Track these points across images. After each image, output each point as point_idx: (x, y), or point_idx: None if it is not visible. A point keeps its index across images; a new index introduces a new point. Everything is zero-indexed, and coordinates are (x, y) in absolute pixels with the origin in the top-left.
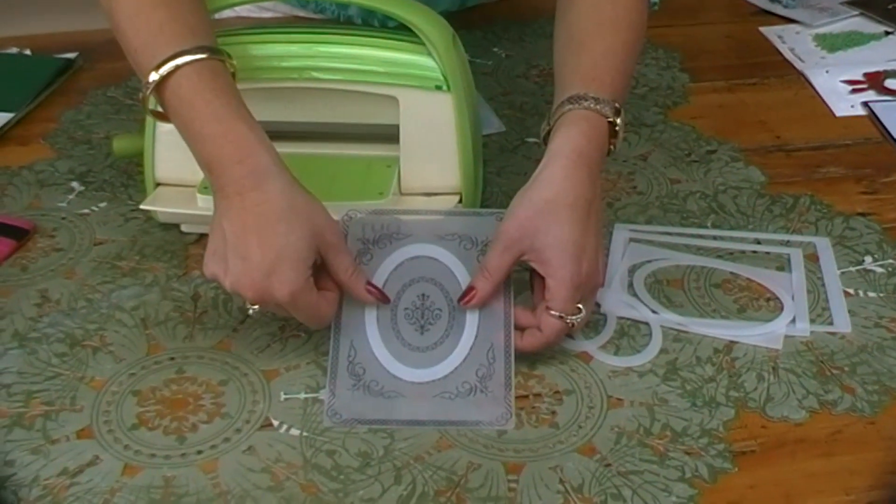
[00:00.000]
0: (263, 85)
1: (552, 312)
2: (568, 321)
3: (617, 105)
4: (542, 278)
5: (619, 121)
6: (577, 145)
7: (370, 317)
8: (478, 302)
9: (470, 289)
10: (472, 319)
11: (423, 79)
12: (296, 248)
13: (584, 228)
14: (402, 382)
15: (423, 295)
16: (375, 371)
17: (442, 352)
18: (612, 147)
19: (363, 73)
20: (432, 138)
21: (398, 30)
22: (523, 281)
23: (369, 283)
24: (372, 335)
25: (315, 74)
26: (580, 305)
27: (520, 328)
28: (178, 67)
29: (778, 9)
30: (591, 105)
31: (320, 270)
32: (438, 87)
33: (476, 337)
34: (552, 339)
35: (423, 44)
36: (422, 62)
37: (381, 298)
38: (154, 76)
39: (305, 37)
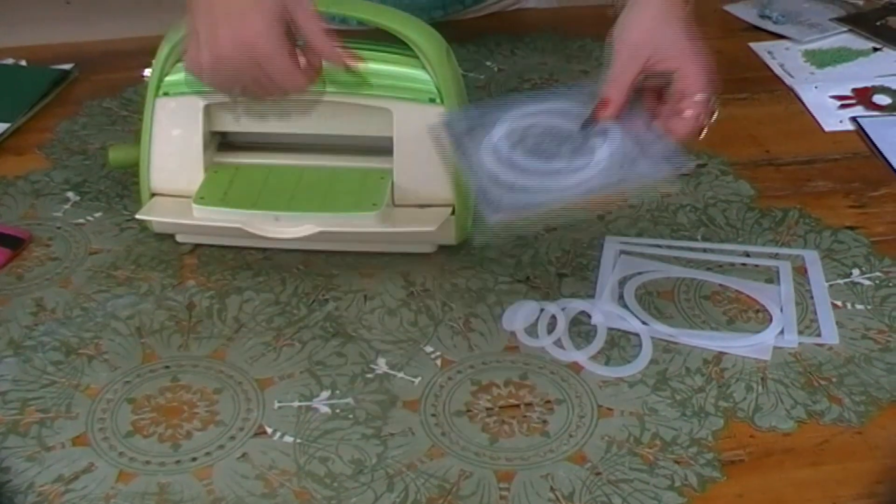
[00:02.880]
0: None
1: (696, 98)
2: (711, 100)
3: None
4: (656, 94)
5: None
6: None
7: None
8: (613, 111)
9: (603, 101)
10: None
11: (416, 91)
12: (264, 6)
13: (691, 26)
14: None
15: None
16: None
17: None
18: None
19: (357, 86)
20: (426, 150)
21: (392, 43)
22: (516, 292)
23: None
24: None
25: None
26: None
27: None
28: None
29: (768, 25)
30: None
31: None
32: (432, 100)
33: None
34: (692, 128)
35: (417, 57)
36: (415, 75)
37: (353, 58)
38: None
39: None
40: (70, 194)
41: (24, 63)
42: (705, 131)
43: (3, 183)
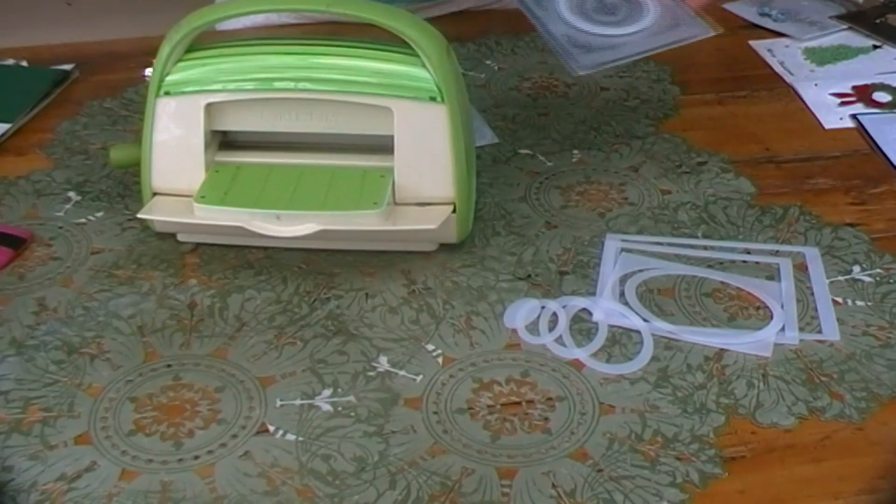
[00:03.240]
0: (259, 95)
1: None
2: None
3: None
4: None
5: None
6: None
7: None
8: None
9: None
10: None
11: (417, 90)
12: None
13: None
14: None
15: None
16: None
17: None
18: None
19: (358, 84)
20: (426, 149)
21: (392, 41)
22: (517, 290)
23: None
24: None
25: (310, 85)
26: None
27: None
28: None
29: (768, 23)
30: None
31: None
32: (433, 98)
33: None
34: None
35: (418, 55)
36: (416, 73)
37: None
38: None
39: (300, 48)
40: (71, 194)
41: (24, 63)
42: None
43: (4, 183)
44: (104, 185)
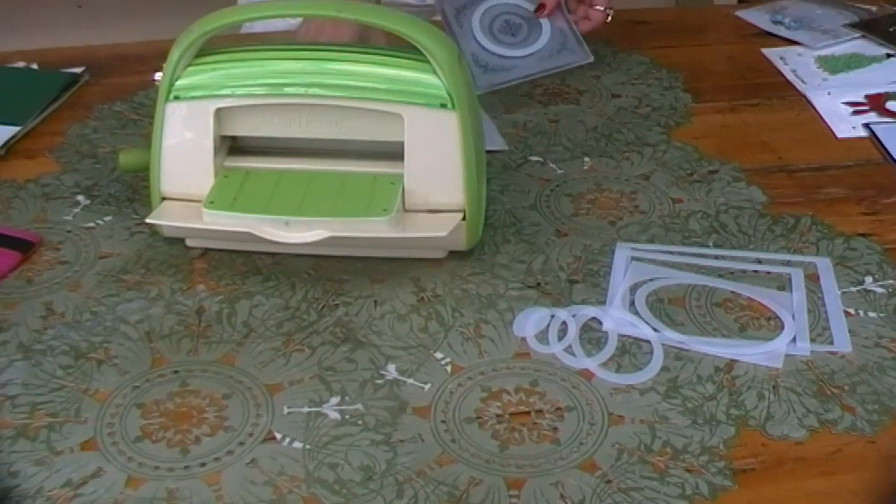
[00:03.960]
0: (269, 101)
1: (597, 7)
2: (607, 12)
3: None
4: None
5: None
6: None
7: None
8: (550, 11)
9: (538, 6)
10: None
11: (428, 97)
12: None
13: None
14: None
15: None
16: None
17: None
18: None
19: (368, 91)
20: (437, 156)
21: (403, 48)
22: (527, 298)
23: None
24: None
25: (320, 91)
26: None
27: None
28: None
29: (780, 31)
30: None
31: None
32: (443, 105)
33: (551, 30)
34: (597, 26)
35: (429, 62)
36: (427, 80)
37: None
38: None
39: (312, 54)
40: (80, 198)
41: (35, 66)
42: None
43: (13, 186)
44: (113, 189)
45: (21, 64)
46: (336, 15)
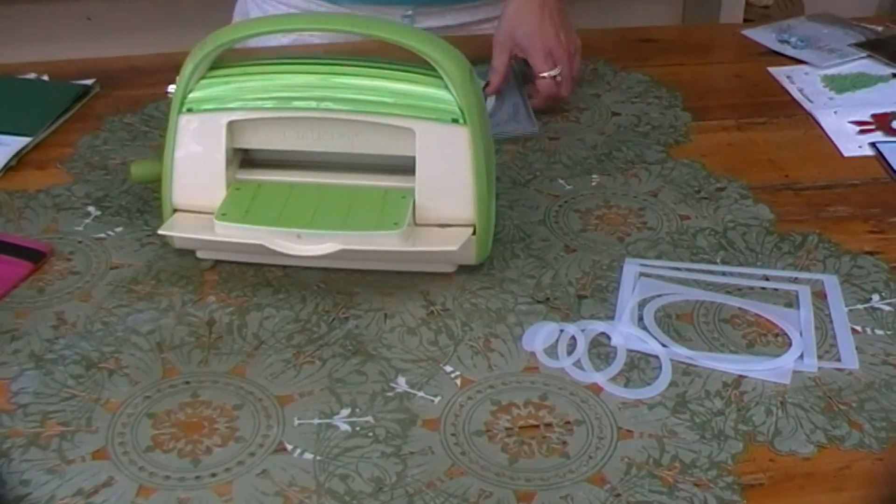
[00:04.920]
0: (281, 114)
1: (541, 75)
2: (550, 75)
3: None
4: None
5: None
6: None
7: None
8: (493, 90)
9: (486, 83)
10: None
11: (439, 111)
12: None
13: (547, 17)
14: None
15: None
16: None
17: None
18: None
19: (380, 105)
20: (448, 171)
21: (415, 62)
22: (536, 313)
23: None
24: None
25: (332, 105)
26: (556, 65)
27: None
28: None
29: (787, 49)
30: None
31: None
32: (455, 121)
33: (503, 102)
34: (548, 94)
35: (440, 76)
36: (439, 95)
37: None
38: None
39: (324, 68)
40: (91, 209)
41: (45, 78)
42: (571, 88)
43: (24, 197)
44: (123, 200)
45: (32, 75)
46: (349, 30)
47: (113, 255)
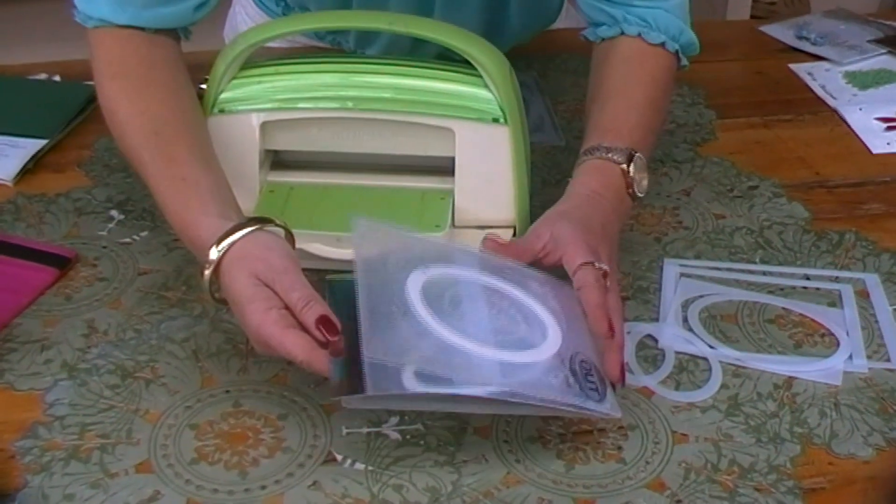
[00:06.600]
0: (316, 114)
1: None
2: (596, 266)
3: (632, 152)
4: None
5: (631, 168)
6: (589, 188)
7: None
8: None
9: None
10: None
11: (480, 111)
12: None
13: (592, 229)
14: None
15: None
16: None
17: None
18: (630, 190)
19: (420, 105)
20: (488, 171)
21: (454, 61)
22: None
23: (321, 320)
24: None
25: (369, 105)
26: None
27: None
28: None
29: (806, 46)
30: (603, 154)
31: None
32: (496, 120)
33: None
34: (595, 292)
35: (480, 76)
36: (479, 94)
37: (331, 344)
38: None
39: (360, 66)
40: (114, 213)
41: (57, 78)
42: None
43: (44, 200)
44: (146, 203)
45: (43, 76)
46: (388, 28)
47: (140, 260)
